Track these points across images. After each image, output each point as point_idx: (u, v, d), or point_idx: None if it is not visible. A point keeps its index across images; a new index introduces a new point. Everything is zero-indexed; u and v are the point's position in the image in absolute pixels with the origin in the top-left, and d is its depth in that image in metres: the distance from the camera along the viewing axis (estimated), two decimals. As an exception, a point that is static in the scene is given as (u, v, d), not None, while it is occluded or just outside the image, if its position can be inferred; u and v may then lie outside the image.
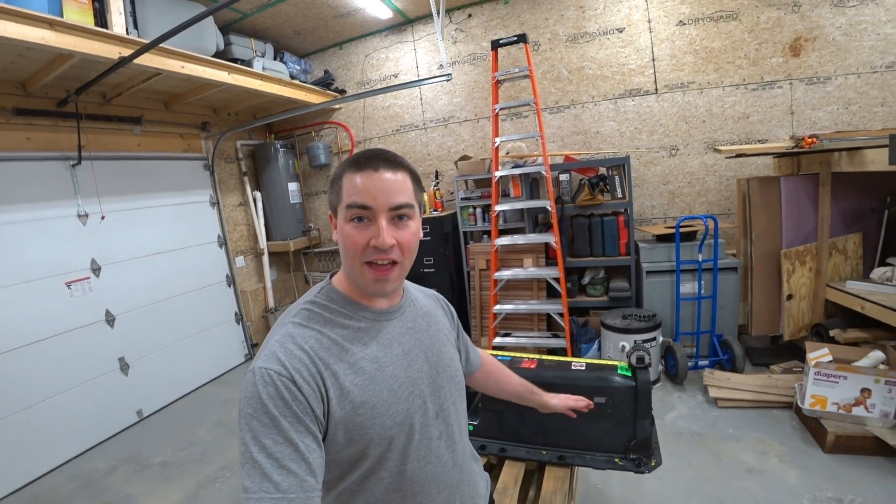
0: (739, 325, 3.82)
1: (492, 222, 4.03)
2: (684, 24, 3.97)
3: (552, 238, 3.86)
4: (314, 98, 4.90)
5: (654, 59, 4.10)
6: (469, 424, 2.06)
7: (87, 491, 3.06)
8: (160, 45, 2.93)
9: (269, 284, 5.49)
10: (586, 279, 4.26)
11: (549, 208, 3.82)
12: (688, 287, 3.70)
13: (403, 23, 4.87)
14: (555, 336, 4.14)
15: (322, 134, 5.58)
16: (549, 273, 3.96)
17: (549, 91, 4.47)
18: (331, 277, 1.01)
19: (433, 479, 0.97)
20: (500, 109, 3.89)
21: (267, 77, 4.37)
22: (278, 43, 4.92)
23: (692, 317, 3.74)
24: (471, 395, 2.09)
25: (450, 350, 1.11)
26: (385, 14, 4.54)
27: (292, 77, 4.82)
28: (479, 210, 4.53)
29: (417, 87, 4.93)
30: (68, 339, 3.59)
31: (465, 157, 4.60)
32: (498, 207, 4.00)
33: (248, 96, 4.71)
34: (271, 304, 5.46)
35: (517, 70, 3.76)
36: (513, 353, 2.24)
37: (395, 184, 0.88)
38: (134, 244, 4.15)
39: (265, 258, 5.48)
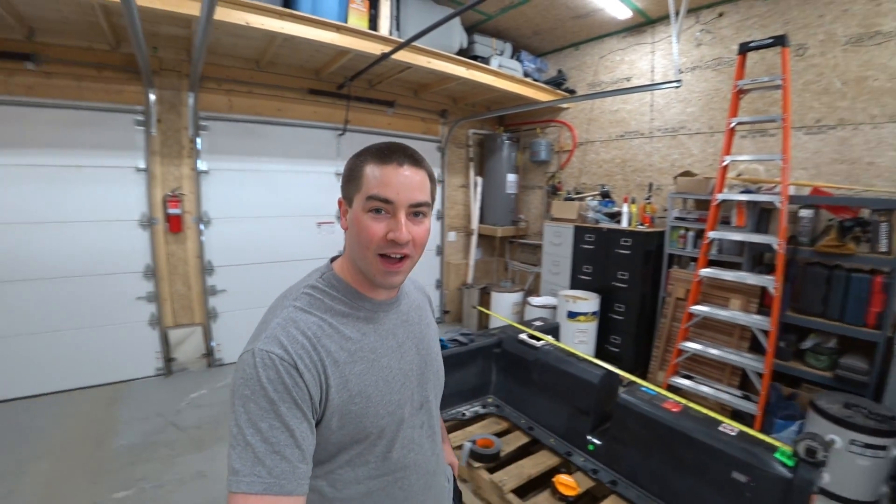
0: None
1: (701, 249, 3.69)
2: None
3: (772, 283, 3.33)
4: (543, 96, 5.13)
5: None
6: (590, 443, 2.15)
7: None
8: (412, 43, 3.61)
9: (472, 262, 6.13)
10: (808, 343, 3.54)
11: (777, 247, 3.29)
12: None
13: (643, 23, 4.63)
14: (746, 398, 3.62)
15: (546, 132, 5.80)
16: (759, 322, 3.45)
17: (809, 106, 3.72)
18: (331, 262, 1.02)
19: (415, 465, 1.00)
20: (738, 124, 3.46)
21: (500, 74, 4.78)
22: (517, 42, 5.27)
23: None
24: (605, 415, 2.16)
25: (436, 345, 1.14)
26: (624, 14, 4.40)
27: (526, 75, 5.12)
28: (691, 234, 4.16)
29: (649, 93, 4.69)
30: (311, 264, 4.89)
31: (686, 174, 4.24)
32: (712, 234, 3.62)
33: (484, 90, 5.20)
34: (470, 279, 6.10)
35: (767, 79, 3.28)
36: (658, 390, 2.20)
37: (416, 181, 0.89)
38: None
39: (474, 238, 6.11)
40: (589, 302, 4.37)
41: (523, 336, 2.56)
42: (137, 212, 4.01)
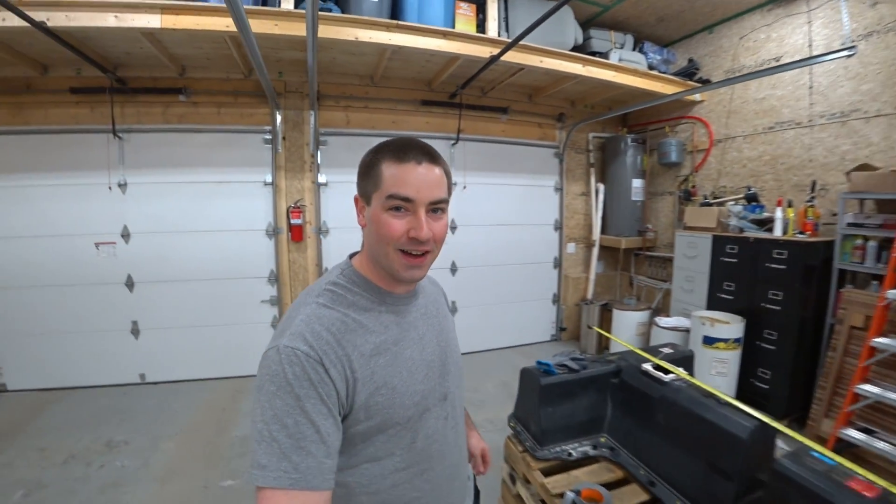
0: None
1: (890, 264, 2.90)
2: None
3: None
4: (671, 89, 4.57)
5: None
6: None
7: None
8: (522, 42, 3.44)
9: (592, 276, 5.66)
10: None
11: None
12: None
13: (797, -10, 3.87)
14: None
15: (677, 130, 5.16)
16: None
17: None
18: (350, 258, 1.04)
19: (439, 456, 1.00)
20: None
21: (622, 68, 4.36)
22: (639, 33, 4.78)
23: None
24: (754, 481, 1.67)
25: (455, 337, 1.15)
26: (773, -17, 3.73)
27: (651, 68, 4.61)
28: (871, 244, 3.31)
29: (807, 73, 3.89)
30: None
31: (864, 167, 3.40)
32: (907, 245, 2.85)
33: (604, 88, 4.82)
34: (590, 295, 5.63)
35: None
36: (842, 461, 1.56)
37: (434, 178, 0.90)
38: (484, 213, 5.14)
39: (595, 250, 5.65)
40: (731, 326, 3.68)
41: (648, 367, 2.07)
42: (265, 222, 4.39)
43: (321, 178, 4.52)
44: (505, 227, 5.28)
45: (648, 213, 5.57)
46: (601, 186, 5.59)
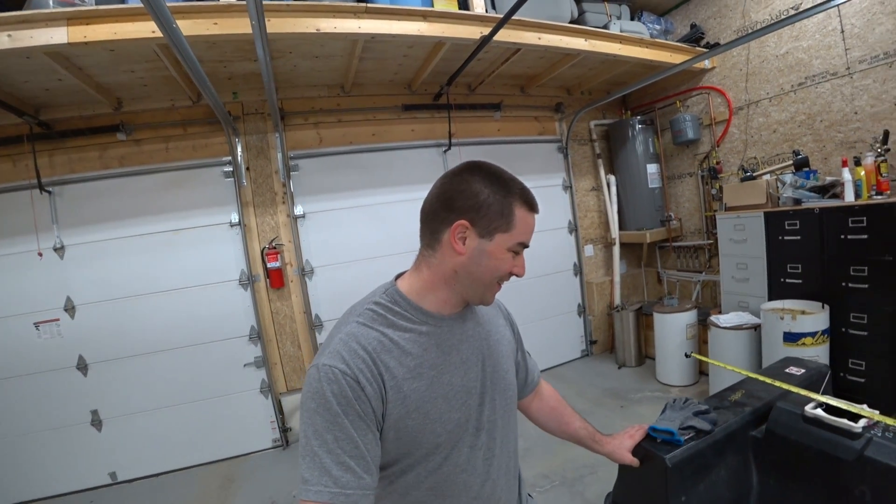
0: None
1: None
2: None
3: None
4: (680, 58, 4.11)
5: None
6: None
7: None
8: (517, 17, 2.98)
9: (616, 278, 5.11)
10: None
11: None
12: None
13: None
14: None
15: (688, 104, 4.69)
16: None
17: None
18: (396, 279, 1.03)
19: (465, 487, 0.97)
20: None
21: (626, 38, 3.90)
22: (634, 2, 4.36)
23: None
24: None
25: (507, 362, 1.11)
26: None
27: (652, 38, 4.17)
28: (963, 194, 2.83)
29: (836, 17, 3.46)
30: None
31: (936, 108, 2.95)
32: None
33: (604, 68, 4.40)
34: (617, 300, 5.06)
35: None
36: None
37: None
38: None
39: (616, 249, 5.12)
40: (816, 316, 3.09)
41: (815, 410, 1.26)
42: (236, 270, 3.74)
43: (297, 210, 3.90)
44: (514, 239, 4.71)
45: (669, 199, 5.06)
46: (612, 178, 5.09)
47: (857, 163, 3.12)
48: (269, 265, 3.74)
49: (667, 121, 4.75)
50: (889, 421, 1.21)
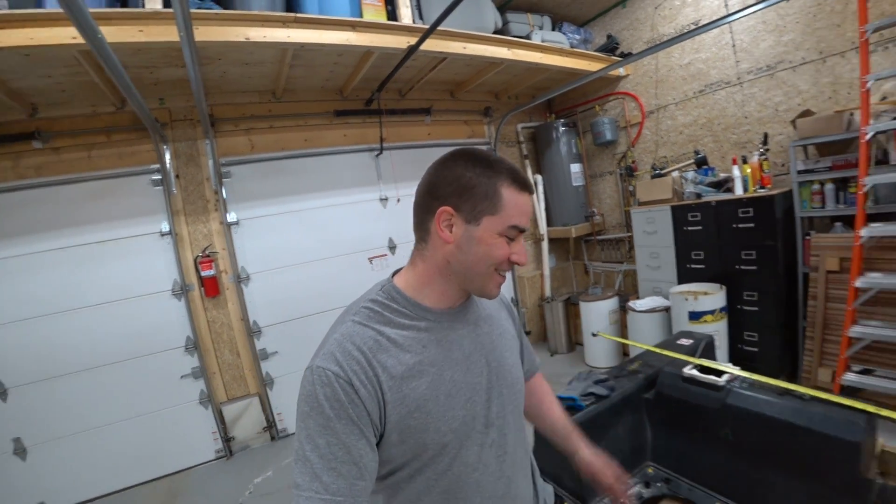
0: None
1: (857, 202, 2.89)
2: None
3: (974, 228, 2.49)
4: (597, 66, 4.48)
5: None
6: None
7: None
8: (442, 28, 3.11)
9: (546, 272, 5.44)
10: None
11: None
12: None
13: (707, -50, 3.92)
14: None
15: (606, 108, 5.11)
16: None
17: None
18: (392, 276, 1.00)
19: (477, 487, 0.94)
20: (875, 31, 2.77)
21: (547, 48, 4.20)
22: (555, 14, 4.68)
23: None
24: (864, 483, 1.35)
25: (513, 356, 1.08)
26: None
27: (572, 48, 4.51)
28: (828, 186, 3.32)
29: (729, 33, 3.93)
30: None
31: (806, 113, 3.44)
32: (871, 179, 2.83)
33: (528, 75, 4.67)
34: (548, 292, 5.40)
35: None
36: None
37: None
38: None
39: (545, 244, 5.44)
40: (714, 296, 3.55)
41: (691, 371, 1.65)
42: (169, 280, 3.67)
43: (231, 217, 3.89)
44: (448, 238, 4.90)
45: (592, 196, 5.46)
46: (539, 177, 5.42)
47: (745, 161, 3.59)
48: (203, 273, 3.71)
49: (588, 123, 5.15)
50: (745, 374, 1.53)
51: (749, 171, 3.53)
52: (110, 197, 3.52)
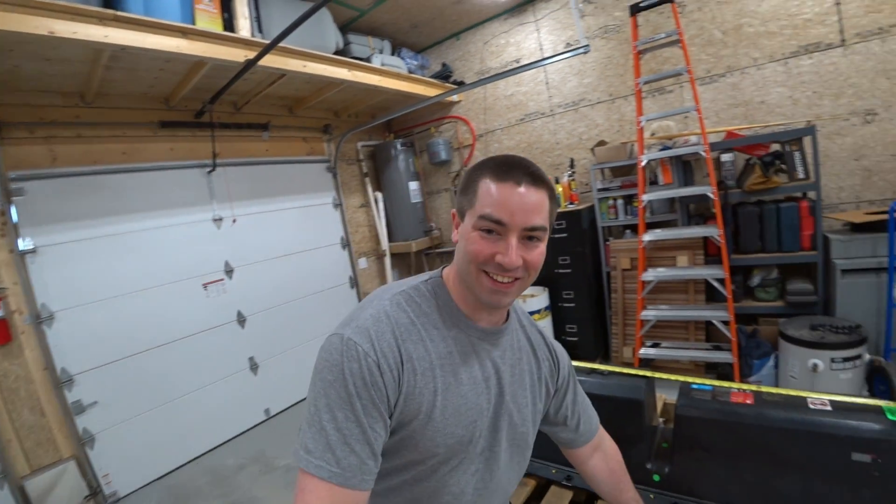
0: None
1: (639, 214, 3.71)
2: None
3: (715, 231, 3.45)
4: (433, 92, 4.88)
5: (838, 2, 3.45)
6: (654, 473, 1.79)
7: (218, 487, 3.39)
8: (283, 45, 3.05)
9: (390, 286, 5.63)
10: (755, 280, 3.76)
11: (712, 195, 3.42)
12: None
13: (523, 2, 4.64)
14: (716, 348, 3.71)
15: (441, 130, 5.57)
16: (712, 273, 3.54)
17: (698, 58, 3.98)
18: (442, 270, 1.00)
19: None
20: (646, 83, 3.59)
21: (386, 72, 4.41)
22: (395, 39, 4.96)
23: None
24: (649, 430, 1.83)
25: (525, 396, 1.04)
26: (502, -5, 4.36)
27: (410, 73, 4.83)
28: (619, 202, 4.21)
29: (543, 72, 4.70)
30: (204, 339, 4.01)
31: (602, 143, 4.30)
32: (647, 196, 3.66)
33: (368, 95, 4.82)
34: (395, 305, 5.60)
35: (664, 35, 3.43)
36: (714, 383, 1.86)
37: (533, 203, 0.83)
38: (263, 246, 4.50)
39: (387, 260, 5.63)
40: (539, 297, 4.20)
41: None
42: (-65, 329, 2.85)
43: (26, 244, 3.18)
44: (289, 258, 4.72)
45: (430, 212, 5.86)
46: (379, 195, 5.61)
47: (557, 181, 4.35)
48: (-12, 316, 2.97)
49: (424, 143, 5.54)
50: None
51: (561, 189, 4.27)
52: None
